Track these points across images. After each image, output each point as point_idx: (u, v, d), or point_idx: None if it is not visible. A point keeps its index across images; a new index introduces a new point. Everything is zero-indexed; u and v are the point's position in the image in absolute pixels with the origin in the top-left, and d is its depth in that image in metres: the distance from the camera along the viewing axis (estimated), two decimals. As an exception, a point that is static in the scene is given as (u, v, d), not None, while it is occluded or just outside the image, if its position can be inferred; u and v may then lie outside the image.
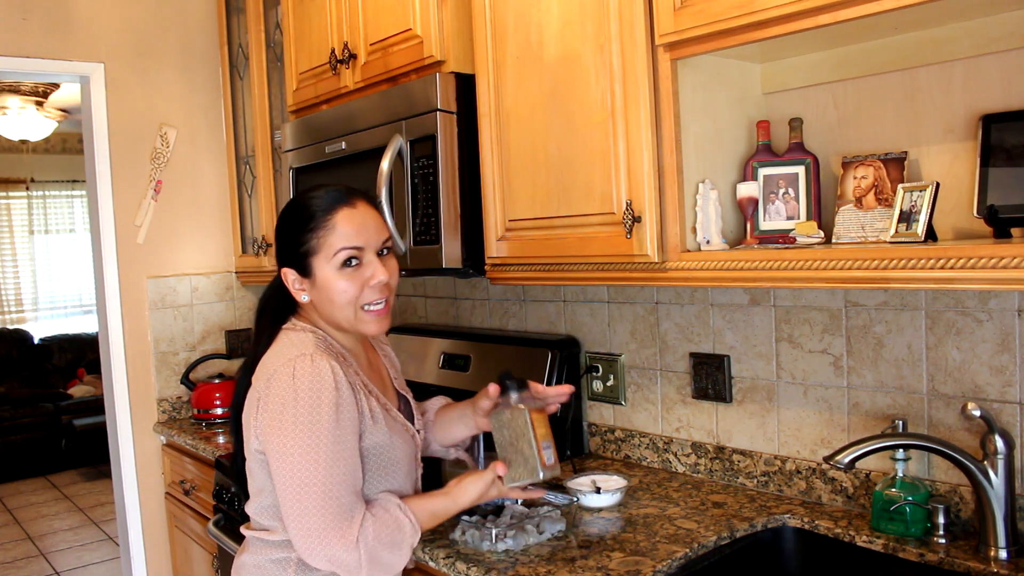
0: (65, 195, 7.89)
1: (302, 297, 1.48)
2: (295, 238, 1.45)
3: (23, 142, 6.90)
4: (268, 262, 3.03)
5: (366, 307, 1.45)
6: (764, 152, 1.74)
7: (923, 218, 1.41)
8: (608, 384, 2.27)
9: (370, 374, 1.55)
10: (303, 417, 1.34)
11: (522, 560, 1.58)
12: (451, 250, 2.05)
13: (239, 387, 1.52)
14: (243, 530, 1.55)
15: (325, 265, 1.43)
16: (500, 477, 1.48)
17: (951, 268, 1.25)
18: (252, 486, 1.50)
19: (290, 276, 1.48)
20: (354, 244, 1.43)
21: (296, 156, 2.56)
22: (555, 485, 1.95)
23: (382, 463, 1.47)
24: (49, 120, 6.24)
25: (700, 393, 2.04)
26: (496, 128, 1.98)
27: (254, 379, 1.45)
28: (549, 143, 1.85)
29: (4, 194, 7.63)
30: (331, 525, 1.33)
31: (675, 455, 2.11)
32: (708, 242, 1.65)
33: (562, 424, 2.24)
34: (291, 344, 1.43)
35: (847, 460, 1.48)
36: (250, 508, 1.52)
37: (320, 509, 1.33)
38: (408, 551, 1.42)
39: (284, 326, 1.50)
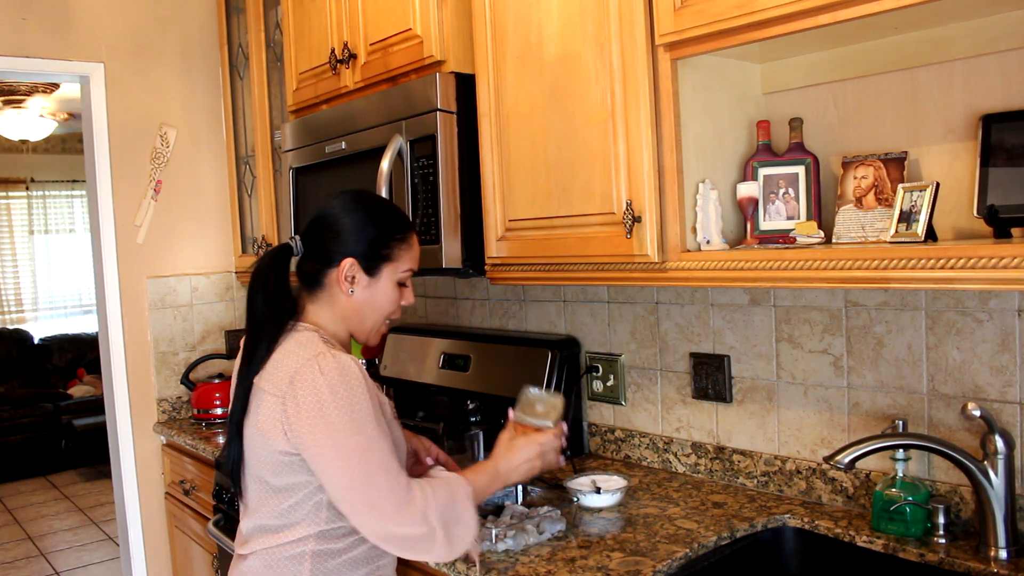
0: (65, 195, 7.89)
1: (349, 291, 1.50)
2: (382, 238, 1.52)
3: (23, 142, 6.90)
4: (268, 262, 3.02)
5: (386, 321, 1.57)
6: (764, 152, 1.74)
7: (923, 218, 1.41)
8: (608, 384, 2.27)
9: None
10: (345, 408, 1.36)
11: (522, 560, 1.58)
12: (451, 250, 2.05)
13: (240, 391, 1.47)
14: (242, 549, 1.50)
15: (391, 274, 1.53)
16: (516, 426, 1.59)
17: (951, 268, 1.25)
18: (266, 489, 1.45)
19: (354, 268, 1.50)
20: (414, 268, 1.57)
21: (296, 156, 2.56)
22: (555, 485, 1.95)
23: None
24: (49, 120, 6.24)
25: (700, 393, 2.04)
26: (496, 128, 1.98)
27: (262, 383, 1.42)
28: (549, 143, 1.85)
29: (4, 194, 7.63)
30: (402, 503, 1.35)
31: (675, 455, 2.11)
32: (708, 242, 1.65)
33: (562, 424, 2.24)
34: (301, 344, 1.43)
35: (847, 460, 1.48)
36: (261, 515, 1.46)
37: (389, 491, 1.35)
38: (467, 504, 1.42)
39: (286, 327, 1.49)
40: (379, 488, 1.35)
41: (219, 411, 3.03)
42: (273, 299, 1.48)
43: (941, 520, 1.54)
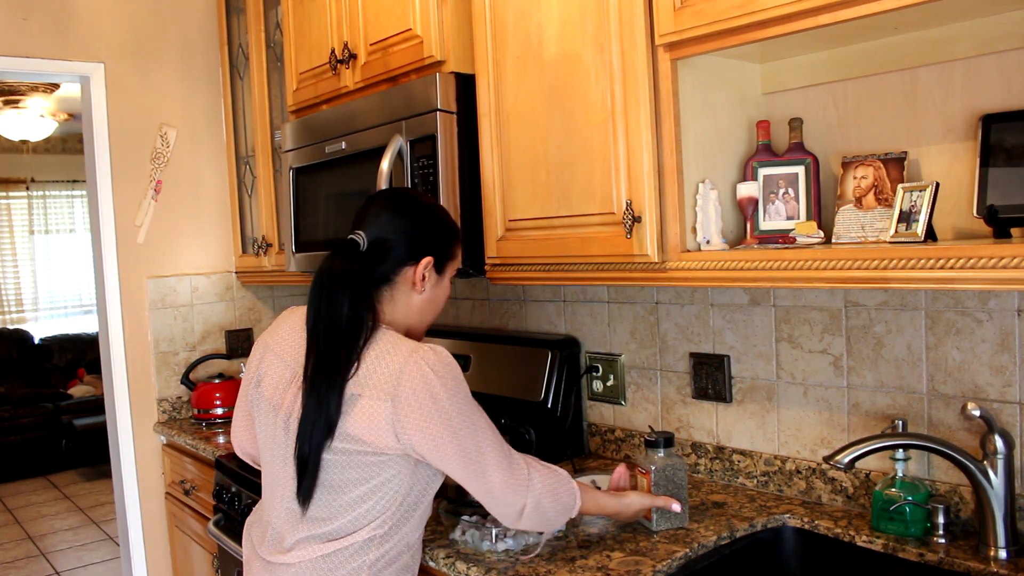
0: (65, 195, 7.90)
1: (422, 290, 1.52)
2: (451, 237, 1.59)
3: (23, 142, 6.90)
4: (268, 262, 3.03)
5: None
6: (764, 152, 1.74)
7: (923, 218, 1.41)
8: (608, 384, 2.27)
9: None
10: (458, 397, 1.40)
11: (522, 560, 1.58)
12: (451, 250, 2.05)
13: (332, 394, 1.38)
14: (285, 558, 1.44)
15: (450, 272, 1.60)
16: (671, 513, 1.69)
17: (951, 268, 1.26)
18: (337, 496, 1.41)
19: (429, 266, 1.52)
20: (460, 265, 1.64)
21: (296, 156, 2.56)
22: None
23: None
24: (49, 120, 6.24)
25: (700, 393, 2.04)
26: (496, 128, 1.98)
27: (355, 389, 1.38)
28: (549, 143, 1.85)
29: (4, 194, 7.63)
30: (519, 475, 1.46)
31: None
32: (708, 242, 1.65)
33: (562, 424, 2.24)
34: (392, 344, 1.42)
35: (847, 460, 1.48)
36: (322, 524, 1.42)
37: (509, 466, 1.45)
38: (569, 500, 1.53)
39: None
40: (504, 464, 1.43)
41: (219, 411, 3.03)
42: (361, 299, 1.42)
43: (941, 520, 1.54)
